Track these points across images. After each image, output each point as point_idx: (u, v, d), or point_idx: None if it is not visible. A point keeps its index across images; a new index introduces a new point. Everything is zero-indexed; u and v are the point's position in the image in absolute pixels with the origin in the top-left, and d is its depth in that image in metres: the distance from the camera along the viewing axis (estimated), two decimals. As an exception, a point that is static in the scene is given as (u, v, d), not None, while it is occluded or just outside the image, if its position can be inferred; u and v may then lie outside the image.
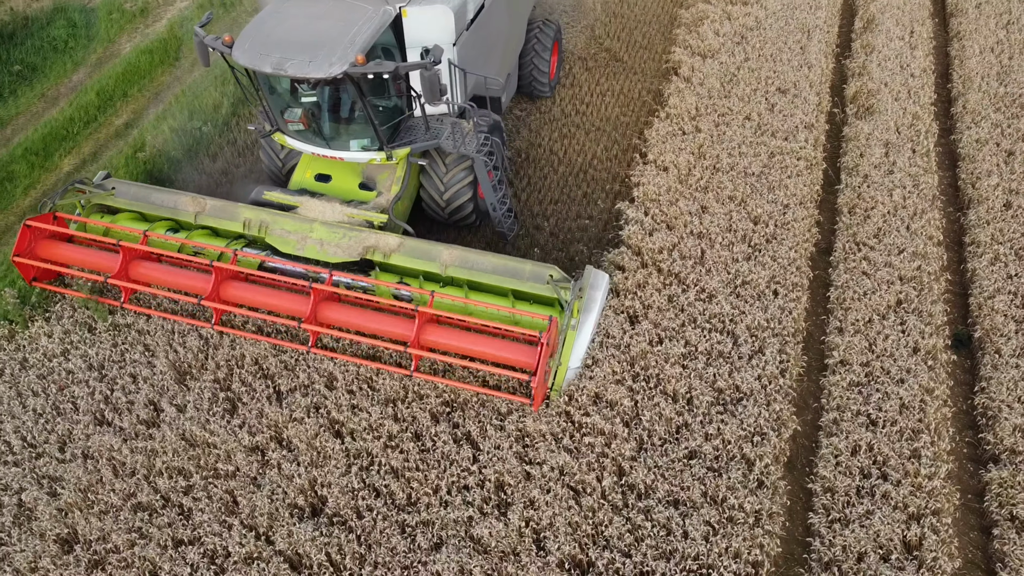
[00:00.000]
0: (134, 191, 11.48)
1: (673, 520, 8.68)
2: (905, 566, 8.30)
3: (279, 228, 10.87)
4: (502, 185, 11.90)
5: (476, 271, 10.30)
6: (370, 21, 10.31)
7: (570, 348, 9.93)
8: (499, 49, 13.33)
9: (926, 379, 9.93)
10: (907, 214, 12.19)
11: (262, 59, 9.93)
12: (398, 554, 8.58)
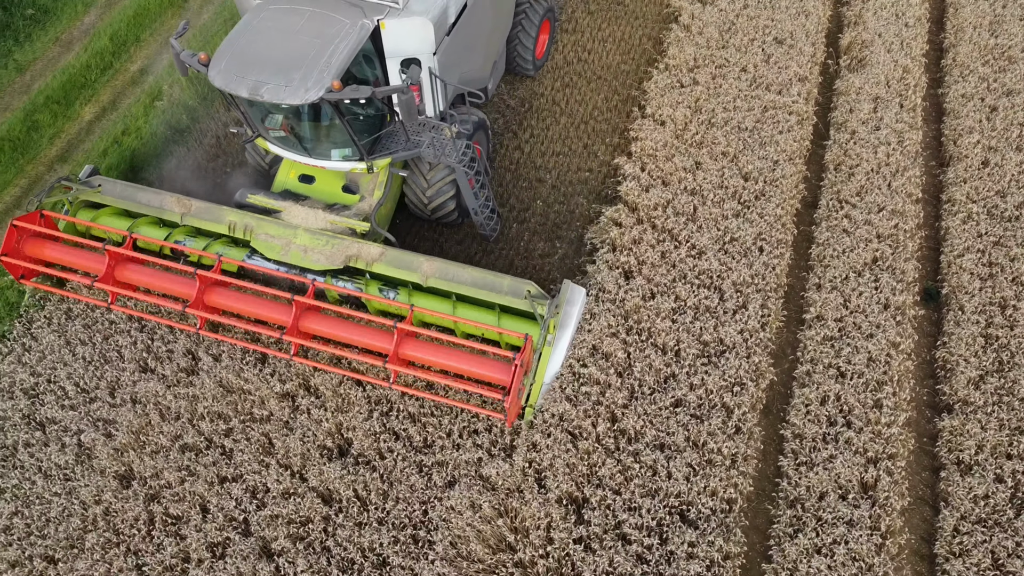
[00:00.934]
0: (120, 189, 11.60)
1: (659, 462, 9.83)
2: (860, 504, 9.51)
3: (263, 233, 11.02)
4: (484, 189, 11.96)
5: (456, 283, 10.53)
6: (347, 38, 10.20)
7: (545, 364, 10.20)
8: (483, 42, 13.13)
9: (893, 334, 10.92)
10: (889, 171, 12.90)
11: (238, 82, 9.94)
12: (417, 491, 9.78)
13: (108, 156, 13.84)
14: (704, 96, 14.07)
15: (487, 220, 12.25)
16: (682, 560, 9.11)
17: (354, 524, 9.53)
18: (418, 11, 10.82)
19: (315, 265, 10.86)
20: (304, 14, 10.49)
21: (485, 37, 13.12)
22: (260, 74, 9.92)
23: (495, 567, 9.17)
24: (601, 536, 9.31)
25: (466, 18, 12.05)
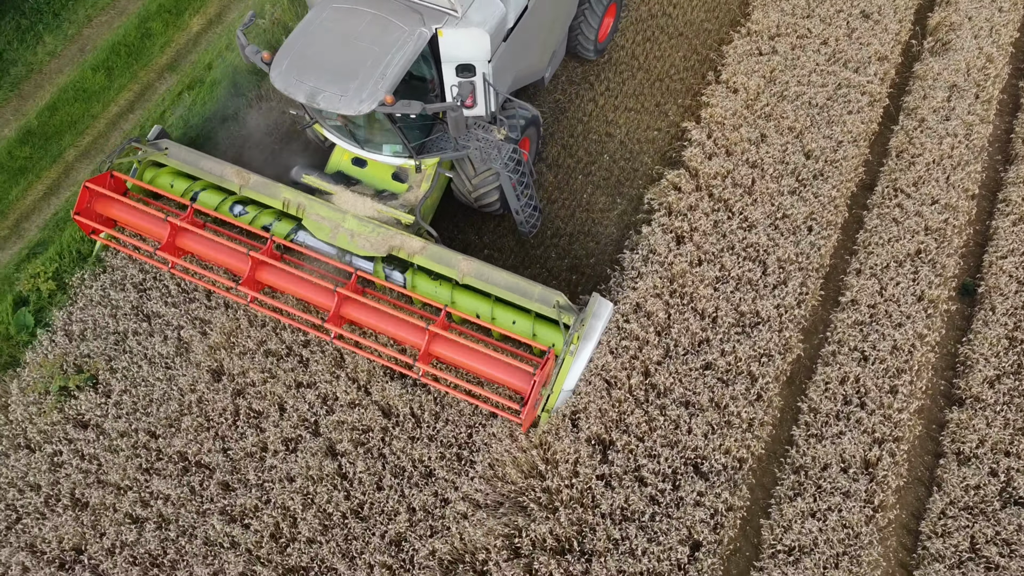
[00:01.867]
0: (184, 154, 12.19)
1: (682, 418, 10.92)
2: (859, 478, 10.51)
3: (315, 213, 11.53)
4: (527, 189, 12.22)
5: (490, 284, 11.01)
6: (404, 47, 10.48)
7: (566, 373, 10.67)
8: (542, 39, 13.15)
9: (921, 326, 11.61)
10: (950, 164, 13.21)
11: (296, 87, 10.38)
12: (464, 416, 11.11)
13: (213, 70, 14.94)
14: (780, 67, 14.36)
15: (528, 218, 12.55)
16: (690, 506, 10.31)
17: (408, 437, 10.96)
18: (476, 21, 10.92)
19: (360, 251, 11.40)
20: (365, 16, 10.74)
21: (545, 33, 13.16)
22: (318, 80, 10.34)
23: (525, 490, 10.52)
24: (621, 476, 10.54)
25: (525, 20, 12.07)
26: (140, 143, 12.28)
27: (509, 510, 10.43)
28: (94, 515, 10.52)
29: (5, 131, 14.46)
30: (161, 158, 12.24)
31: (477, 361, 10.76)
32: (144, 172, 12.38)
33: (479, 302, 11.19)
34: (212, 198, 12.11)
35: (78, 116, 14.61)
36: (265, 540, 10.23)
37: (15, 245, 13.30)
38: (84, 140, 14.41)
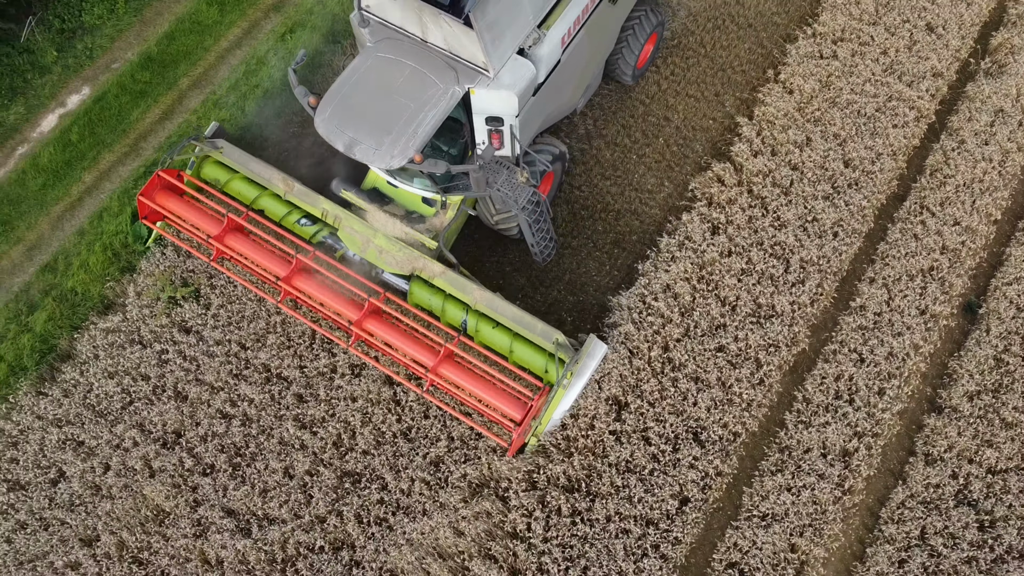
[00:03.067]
0: (236, 155, 13.26)
1: (690, 391, 12.59)
2: (835, 464, 12.16)
3: (349, 226, 12.57)
4: (543, 225, 12.98)
5: (498, 314, 12.09)
6: (437, 105, 11.22)
7: (556, 405, 11.73)
8: (574, 82, 13.70)
9: (919, 338, 12.96)
10: (979, 188, 14.16)
11: (337, 135, 11.26)
12: (504, 365, 12.94)
13: (313, 15, 16.35)
14: (837, 73, 15.21)
15: (542, 251, 13.41)
16: (685, 467, 12.12)
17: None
18: (506, 83, 11.56)
19: (386, 267, 12.49)
20: (405, 69, 11.44)
21: (577, 76, 13.70)
22: (357, 131, 11.21)
23: (548, 435, 12.40)
24: (630, 434, 12.34)
25: (557, 73, 12.68)
26: (199, 140, 13.36)
27: (532, 450, 12.35)
28: (191, 407, 12.76)
29: (128, 54, 16.21)
30: (217, 155, 13.33)
31: (477, 384, 11.85)
32: (200, 167, 13.53)
33: (487, 326, 12.31)
34: (278, 208, 13.19)
35: (192, 47, 16.25)
36: (328, 447, 12.38)
37: (134, 162, 15.23)
38: (196, 70, 16.10)
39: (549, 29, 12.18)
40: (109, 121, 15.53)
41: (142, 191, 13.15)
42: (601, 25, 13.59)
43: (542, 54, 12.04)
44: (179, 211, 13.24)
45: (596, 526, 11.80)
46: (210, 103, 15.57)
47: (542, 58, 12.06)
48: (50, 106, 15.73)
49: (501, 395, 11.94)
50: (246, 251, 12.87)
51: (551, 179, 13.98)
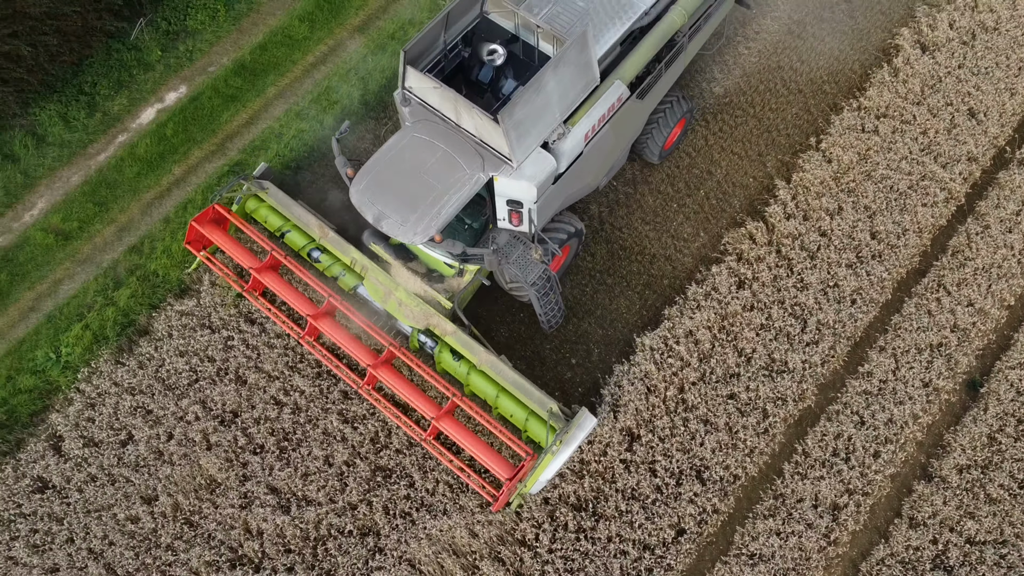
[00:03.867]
0: (280, 197, 14.36)
1: (699, 432, 13.72)
2: (824, 516, 13.18)
3: (374, 277, 13.52)
4: (552, 296, 13.73)
5: (499, 377, 12.91)
6: (461, 189, 12.17)
7: (543, 468, 12.46)
8: (595, 168, 14.44)
9: (918, 408, 13.89)
10: (997, 273, 14.98)
11: (368, 207, 12.34)
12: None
13: (394, 40, 17.71)
14: (876, 148, 16.11)
15: (549, 320, 14.29)
16: (685, 501, 13.26)
17: (485, 392, 14.17)
18: (527, 174, 12.43)
19: (404, 320, 13.49)
20: (437, 151, 12.44)
21: (600, 163, 14.47)
22: (386, 206, 12.25)
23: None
24: (639, 464, 13.51)
25: (578, 164, 13.48)
26: (247, 179, 14.51)
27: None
28: (249, 391, 14.24)
29: (224, 60, 17.75)
30: (262, 195, 14.51)
31: (473, 441, 12.79)
32: (246, 203, 14.66)
33: (489, 385, 13.15)
34: (298, 239, 14.29)
35: (282, 59, 17.74)
36: (366, 441, 13.75)
37: (219, 160, 16.77)
38: (283, 80, 17.57)
39: (574, 125, 13.01)
40: (201, 120, 17.08)
41: (196, 218, 14.26)
42: (627, 118, 14.30)
43: (564, 148, 12.91)
44: (223, 242, 14.38)
45: (597, 544, 13.00)
46: (292, 113, 17.02)
47: (564, 152, 12.93)
48: (150, 101, 17.33)
49: (493, 453, 12.81)
50: (279, 288, 14.01)
51: (566, 252, 14.71)
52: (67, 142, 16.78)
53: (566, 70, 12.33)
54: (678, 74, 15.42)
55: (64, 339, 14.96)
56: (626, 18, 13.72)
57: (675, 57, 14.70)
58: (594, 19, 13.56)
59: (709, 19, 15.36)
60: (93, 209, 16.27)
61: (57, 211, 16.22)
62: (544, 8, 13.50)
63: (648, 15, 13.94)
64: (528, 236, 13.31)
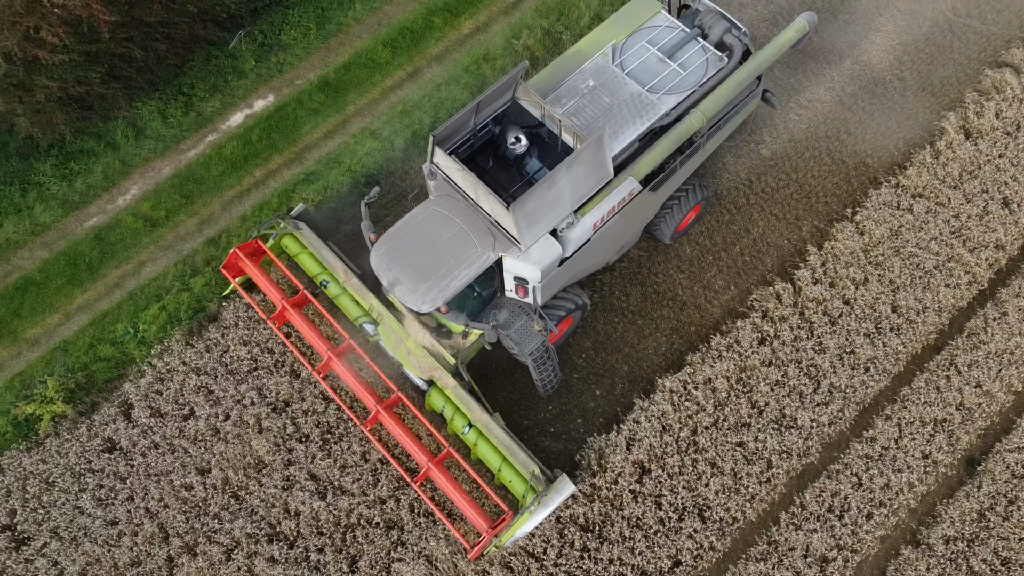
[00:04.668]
0: (311, 239, 15.50)
1: (705, 474, 14.80)
2: (812, 567, 14.18)
3: (388, 325, 14.59)
4: (549, 364, 14.76)
5: (491, 435, 13.99)
6: (471, 266, 13.20)
7: (520, 525, 13.46)
8: (605, 250, 15.34)
9: (916, 478, 14.80)
10: (1008, 359, 15.79)
11: (384, 273, 13.48)
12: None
13: (468, 73, 19.08)
14: (908, 226, 16.98)
15: (544, 385, 15.23)
16: (684, 536, 14.36)
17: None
18: (533, 258, 13.41)
19: (410, 368, 14.61)
20: (454, 227, 13.48)
21: (607, 247, 15.36)
22: (400, 273, 13.35)
23: (577, 481, 14.78)
24: (646, 496, 14.64)
25: (585, 249, 14.39)
26: (284, 219, 15.67)
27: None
28: (301, 384, 15.70)
29: (310, 75, 19.30)
30: (296, 234, 15.70)
31: (457, 491, 13.96)
32: (281, 239, 15.87)
33: (480, 440, 14.27)
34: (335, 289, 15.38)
35: (363, 79, 19.23)
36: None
37: (296, 168, 18.30)
38: (362, 100, 19.06)
39: (584, 215, 13.86)
40: (284, 129, 18.66)
41: (240, 247, 15.47)
42: (638, 208, 15.15)
43: (572, 236, 13.81)
44: (255, 275, 15.64)
45: (599, 564, 14.17)
46: (367, 131, 18.50)
47: (572, 239, 13.84)
48: (240, 106, 18.96)
49: (475, 506, 13.89)
50: (300, 324, 15.30)
51: (569, 323, 15.58)
52: (163, 137, 18.48)
53: (580, 168, 13.20)
54: (695, 168, 16.24)
55: (143, 316, 16.61)
56: (647, 118, 14.44)
57: (691, 155, 15.53)
58: (616, 115, 14.40)
59: (730, 120, 16.11)
60: (179, 200, 17.93)
61: (147, 199, 17.92)
62: (572, 100, 14.49)
63: (668, 116, 14.59)
64: (532, 307, 14.37)
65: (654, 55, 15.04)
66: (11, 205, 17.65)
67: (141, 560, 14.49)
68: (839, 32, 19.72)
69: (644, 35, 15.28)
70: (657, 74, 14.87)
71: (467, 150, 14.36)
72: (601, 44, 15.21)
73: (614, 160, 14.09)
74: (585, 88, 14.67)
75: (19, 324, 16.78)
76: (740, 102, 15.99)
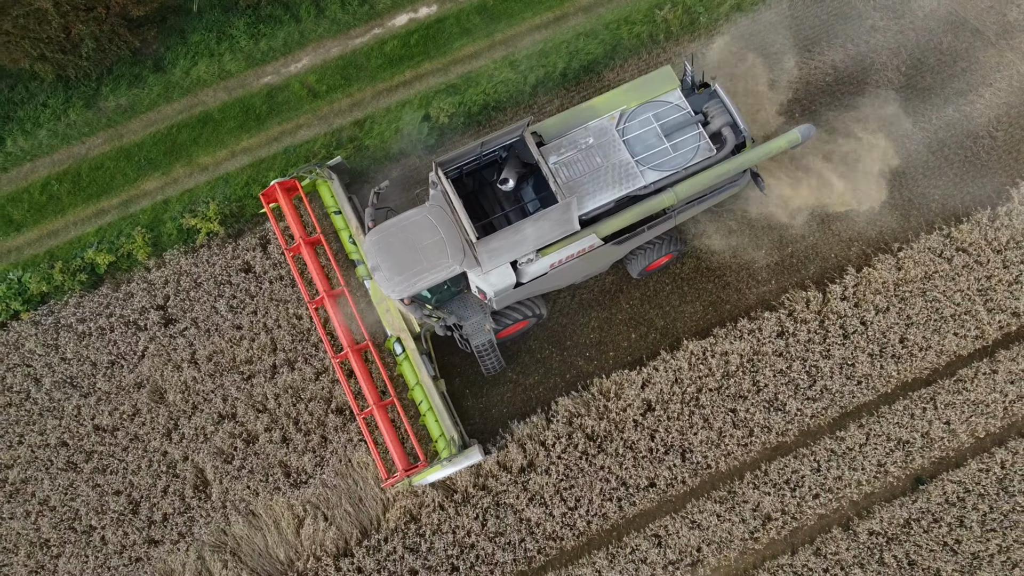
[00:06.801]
0: (338, 190, 18.16)
1: (697, 425, 18.12)
2: (757, 520, 17.62)
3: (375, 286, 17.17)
4: (492, 355, 17.66)
5: (431, 398, 16.91)
6: (438, 273, 15.41)
7: (430, 473, 16.73)
8: (565, 280, 17.40)
9: (865, 479, 17.85)
10: (981, 410, 18.31)
11: (371, 256, 15.64)
12: (594, 342, 18.85)
13: (607, 30, 21.34)
14: (942, 274, 19.09)
15: (486, 370, 18.14)
16: (664, 467, 17.91)
17: (560, 332, 18.95)
18: (491, 280, 15.66)
19: (385, 322, 17.54)
20: (436, 235, 15.61)
21: (567, 279, 17.49)
22: (383, 262, 15.65)
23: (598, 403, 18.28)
24: (645, 427, 18.12)
25: (541, 281, 16.45)
26: (320, 167, 18.34)
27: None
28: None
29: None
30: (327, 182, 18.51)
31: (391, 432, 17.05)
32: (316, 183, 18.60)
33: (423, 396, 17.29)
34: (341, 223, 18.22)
35: (515, 12, 21.64)
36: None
37: (440, 78, 21.13)
38: (510, 31, 21.45)
39: (545, 256, 15.78)
40: (439, 40, 21.49)
41: (279, 183, 18.24)
42: (600, 255, 16.97)
43: (529, 270, 15.87)
44: (286, 208, 18.48)
45: (592, 467, 17.92)
46: (507, 61, 21.18)
47: (529, 272, 15.92)
48: (407, 8, 21.77)
49: (399, 447, 17.04)
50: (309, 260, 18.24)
51: (523, 325, 18.07)
52: (339, 20, 21.57)
53: (546, 223, 15.38)
54: (665, 230, 17.76)
55: (290, 172, 20.29)
56: (626, 185, 16.00)
57: (660, 223, 17.08)
58: (602, 177, 16.01)
59: (708, 199, 17.41)
60: (339, 80, 21.23)
61: (314, 72, 21.27)
62: (569, 152, 16.18)
63: (646, 188, 16.09)
64: (488, 309, 17.13)
65: (654, 129, 16.35)
66: (207, 49, 21.24)
67: (253, 360, 18.85)
68: (952, 78, 21.15)
69: (653, 107, 16.56)
70: (650, 148, 16.24)
71: (474, 168, 16.66)
72: (613, 106, 16.59)
73: (588, 214, 15.93)
74: (584, 144, 16.22)
75: (195, 151, 20.73)
76: (722, 186, 17.24)
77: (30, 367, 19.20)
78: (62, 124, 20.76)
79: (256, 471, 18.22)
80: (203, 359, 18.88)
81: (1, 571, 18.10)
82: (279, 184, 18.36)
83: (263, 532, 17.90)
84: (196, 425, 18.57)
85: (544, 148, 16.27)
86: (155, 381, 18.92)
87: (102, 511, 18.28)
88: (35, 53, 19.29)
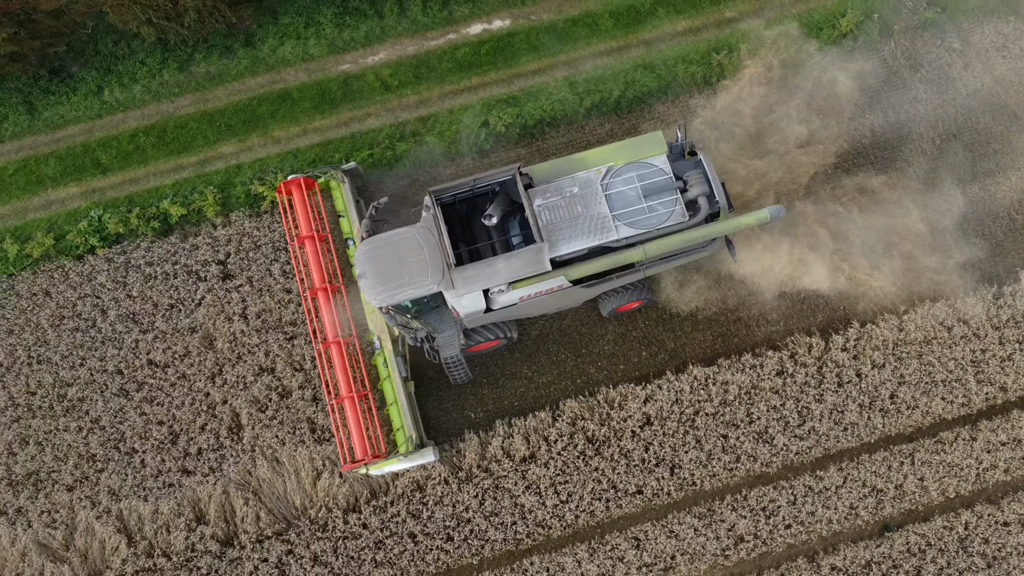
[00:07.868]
0: (348, 193, 19.93)
1: (689, 444, 19.70)
2: (730, 539, 19.19)
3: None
4: (459, 369, 19.30)
5: (398, 400, 18.62)
6: (416, 289, 16.89)
7: (387, 465, 18.26)
8: (537, 311, 18.82)
9: (836, 518, 19.32)
10: (956, 472, 19.64)
11: (359, 265, 17.18)
12: (606, 354, 20.49)
13: (664, 67, 22.75)
14: (940, 341, 20.38)
15: (452, 380, 19.88)
16: (653, 478, 19.51)
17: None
18: (462, 304, 17.16)
19: (369, 320, 19.23)
20: (422, 253, 17.02)
21: (537, 311, 18.92)
22: (369, 271, 17.11)
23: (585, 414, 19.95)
24: (641, 439, 19.72)
25: (510, 310, 17.92)
26: (335, 169, 20.11)
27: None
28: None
29: (544, 16, 23.31)
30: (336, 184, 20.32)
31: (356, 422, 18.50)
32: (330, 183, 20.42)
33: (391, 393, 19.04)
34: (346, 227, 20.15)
35: (580, 37, 23.09)
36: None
37: (501, 89, 22.70)
38: (573, 54, 22.93)
39: (515, 289, 17.08)
40: (506, 53, 23.07)
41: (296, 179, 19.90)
42: (569, 294, 18.28)
43: (500, 299, 17.35)
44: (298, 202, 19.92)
45: (588, 467, 19.59)
46: (566, 82, 22.70)
47: (499, 301, 17.41)
48: (482, 19, 23.35)
49: (362, 437, 18.49)
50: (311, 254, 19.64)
51: (493, 344, 19.54)
52: (418, 21, 23.24)
53: (518, 261, 16.90)
54: (632, 280, 18.98)
55: (355, 156, 22.09)
56: (600, 236, 17.23)
57: (629, 274, 18.35)
58: (579, 225, 17.28)
59: (674, 259, 18.50)
60: (411, 77, 22.94)
61: (389, 66, 22.99)
62: (553, 197, 17.45)
63: (618, 242, 17.29)
64: (459, 328, 18.81)
65: (636, 189, 17.54)
66: (294, 32, 23.04)
67: (296, 323, 20.75)
68: (983, 157, 22.27)
69: (638, 168, 17.70)
70: (629, 205, 17.44)
71: (468, 195, 18.29)
72: (602, 161, 17.82)
73: (561, 257, 17.23)
74: (569, 192, 17.49)
75: (271, 124, 22.59)
76: (692, 249, 18.34)
77: (99, 299, 21.28)
78: (156, 82, 22.73)
79: (286, 423, 20.15)
80: (252, 315, 20.80)
81: (51, 475, 20.27)
82: (296, 179, 19.99)
83: (284, 478, 19.82)
84: (238, 373, 20.54)
85: (532, 190, 17.65)
86: (207, 328, 20.90)
87: (145, 437, 20.35)
88: (143, 17, 21.20)
